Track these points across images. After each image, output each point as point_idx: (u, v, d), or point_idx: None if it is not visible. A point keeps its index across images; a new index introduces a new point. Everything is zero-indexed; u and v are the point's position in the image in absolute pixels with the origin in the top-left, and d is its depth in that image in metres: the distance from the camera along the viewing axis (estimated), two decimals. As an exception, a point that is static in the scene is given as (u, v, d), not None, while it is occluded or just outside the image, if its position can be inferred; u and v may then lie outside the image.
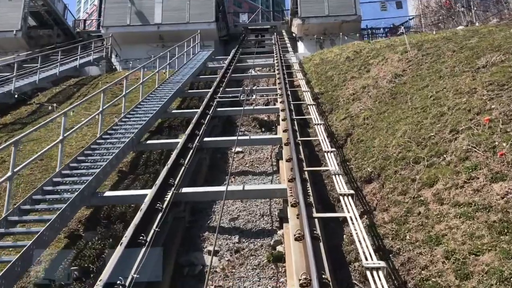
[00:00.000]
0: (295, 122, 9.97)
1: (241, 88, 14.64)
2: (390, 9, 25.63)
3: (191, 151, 8.35)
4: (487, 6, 18.95)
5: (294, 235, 5.20)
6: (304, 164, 7.47)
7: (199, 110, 11.09)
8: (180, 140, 8.97)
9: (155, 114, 10.83)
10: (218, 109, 11.83)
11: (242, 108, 11.24)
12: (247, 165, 9.64)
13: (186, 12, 24.33)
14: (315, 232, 5.22)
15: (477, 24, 16.67)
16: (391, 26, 31.47)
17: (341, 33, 23.87)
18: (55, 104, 15.01)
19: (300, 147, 8.33)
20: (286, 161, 7.57)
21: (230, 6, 70.82)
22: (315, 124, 9.08)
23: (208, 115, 10.87)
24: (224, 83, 14.83)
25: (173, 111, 12.44)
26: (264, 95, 14.86)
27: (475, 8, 18.88)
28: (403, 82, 10.88)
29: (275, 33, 28.11)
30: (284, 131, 9.16)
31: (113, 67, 23.38)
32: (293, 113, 10.67)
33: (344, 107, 11.43)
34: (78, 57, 20.10)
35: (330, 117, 11.52)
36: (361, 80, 13.27)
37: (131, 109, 11.36)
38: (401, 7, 25.83)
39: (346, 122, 10.21)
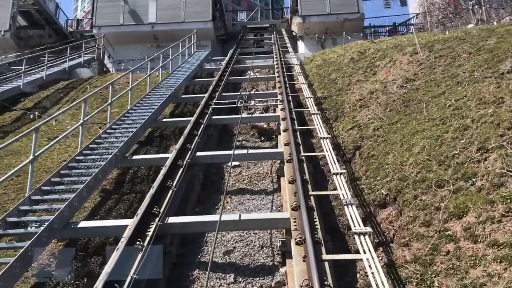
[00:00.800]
0: (298, 133, 9.02)
1: (239, 93, 13.70)
2: (394, 6, 24.63)
3: (181, 170, 7.40)
4: (499, 3, 17.97)
5: (301, 286, 4.27)
6: (309, 186, 6.52)
7: (192, 119, 10.13)
8: (170, 155, 8.01)
9: (144, 124, 9.88)
10: (214, 117, 10.87)
11: (239, 116, 10.30)
12: (244, 181, 8.69)
13: (182, 11, 23.33)
14: (325, 281, 4.28)
15: (494, 23, 15.66)
16: (394, 24, 30.52)
17: (343, 32, 22.89)
18: (36, 112, 14.03)
19: (304, 164, 7.38)
20: (289, 182, 6.62)
21: (228, 3, 69.84)
22: (321, 138, 8.11)
23: (202, 125, 9.91)
24: (221, 87, 13.87)
25: (165, 119, 11.48)
26: (263, 101, 13.91)
27: (487, 5, 17.90)
28: (416, 88, 9.92)
29: (274, 32, 27.13)
30: (286, 144, 8.21)
31: (105, 68, 22.37)
32: (295, 122, 9.72)
33: (351, 114, 10.47)
34: (67, 59, 19.08)
35: (336, 126, 10.57)
36: (368, 84, 12.32)
37: (118, 118, 10.40)
38: (406, 4, 24.83)
39: (354, 133, 9.26)
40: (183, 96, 13.74)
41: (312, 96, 12.20)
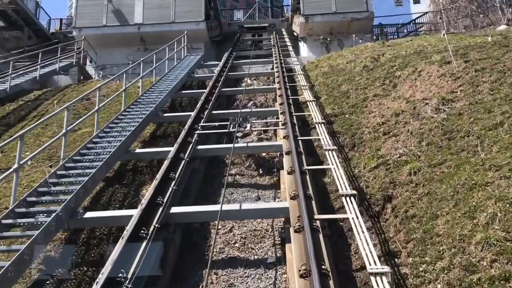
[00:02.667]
0: (307, 176, 6.81)
1: (232, 111, 11.52)
2: (405, 4, 22.41)
3: (145, 242, 5.20)
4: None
5: None
6: (331, 282, 4.33)
7: (171, 152, 7.92)
8: (135, 213, 5.82)
9: (108, 161, 7.66)
10: (200, 146, 8.65)
11: (231, 146, 8.10)
12: (236, 245, 6.48)
13: (171, 10, 21.06)
14: None
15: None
16: (399, 24, 28.24)
17: (351, 34, 20.65)
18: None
19: (321, 235, 5.18)
20: (300, 276, 4.42)
21: (227, 0, 67.33)
22: (343, 195, 5.81)
23: (183, 162, 7.69)
24: (211, 102, 11.65)
25: (138, 150, 9.22)
26: (262, 119, 11.69)
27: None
28: (458, 113, 7.70)
29: (274, 32, 24.91)
30: (293, 197, 6.00)
31: (87, 75, 20.08)
32: (303, 157, 7.50)
33: (373, 144, 8.25)
34: (38, 66, 16.81)
35: (354, 158, 8.35)
36: (389, 101, 10.11)
37: (78, 150, 8.17)
38: (419, 1, 22.67)
39: (381, 174, 7.04)
40: (166, 114, 11.50)
41: (320, 115, 10.01)
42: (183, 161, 7.65)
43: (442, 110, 8.00)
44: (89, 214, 6.24)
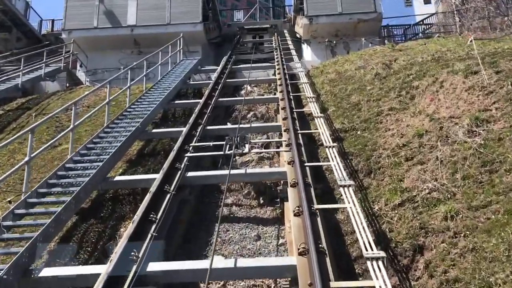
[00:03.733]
0: (318, 217, 5.55)
1: (229, 126, 10.29)
2: (415, 4, 21.10)
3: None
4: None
5: None
6: None
7: (155, 182, 6.66)
8: (102, 272, 4.59)
9: (80, 195, 6.42)
10: (189, 174, 7.39)
11: (227, 172, 6.82)
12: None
13: (166, 11, 19.79)
14: None
15: None
16: (407, 26, 26.92)
17: (358, 36, 19.38)
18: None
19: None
20: None
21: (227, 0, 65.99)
22: (370, 259, 4.52)
23: (169, 195, 6.44)
24: (206, 115, 10.40)
25: (118, 178, 7.92)
26: (263, 133, 10.46)
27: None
28: (498, 138, 6.43)
29: (275, 34, 23.60)
30: (302, 253, 4.74)
31: (74, 81, 18.82)
32: (312, 192, 6.24)
33: (393, 172, 6.99)
34: (21, 72, 15.56)
35: (370, 186, 7.10)
36: (408, 117, 8.85)
37: (43, 182, 6.91)
38: (429, 1, 21.35)
39: (408, 215, 5.79)
40: (155, 131, 10.24)
41: (329, 131, 8.78)
42: (169, 195, 6.39)
43: (477, 133, 6.74)
44: (47, 272, 4.98)
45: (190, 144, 8.42)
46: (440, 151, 6.73)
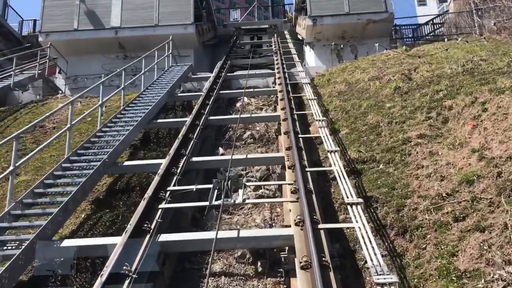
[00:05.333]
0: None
1: (219, 157, 8.44)
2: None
3: None
4: None
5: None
6: None
7: (113, 254, 4.78)
8: None
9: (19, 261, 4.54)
10: (163, 237, 5.48)
11: (213, 235, 4.95)
12: None
13: (154, 11, 17.82)
14: None
15: None
16: (417, 26, 24.97)
17: (365, 38, 17.48)
18: None
19: None
20: None
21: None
22: None
23: (129, 280, 4.55)
24: (193, 141, 8.47)
25: (64, 245, 5.92)
26: (261, 164, 8.56)
27: None
28: None
29: (275, 35, 21.74)
30: None
31: (51, 88, 16.87)
32: (332, 280, 4.35)
33: (440, 240, 5.10)
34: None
35: (406, 254, 5.24)
36: (445, 150, 6.98)
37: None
38: (445, 0, 19.47)
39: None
40: (127, 163, 8.28)
41: (345, 163, 6.94)
42: (128, 281, 4.50)
43: (559, 188, 4.86)
44: None
45: (168, 188, 6.52)
46: (508, 213, 4.85)
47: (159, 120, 10.54)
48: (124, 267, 4.66)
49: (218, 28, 23.65)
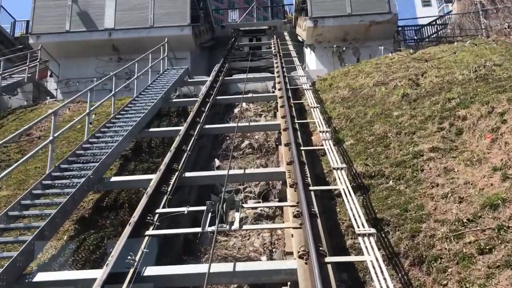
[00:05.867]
0: None
1: (213, 173, 7.83)
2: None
3: None
4: None
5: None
6: None
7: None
8: None
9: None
10: (148, 271, 4.84)
11: (205, 269, 4.37)
12: None
13: (149, 13, 17.17)
14: None
15: None
16: (419, 27, 24.37)
17: (368, 40, 16.87)
18: None
19: None
20: None
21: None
22: None
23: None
24: (186, 154, 7.83)
25: (37, 279, 5.28)
26: (260, 180, 7.92)
27: None
28: None
29: (274, 37, 21.10)
30: None
31: (42, 93, 16.21)
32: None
33: (465, 277, 4.47)
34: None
35: (423, 291, 4.61)
36: (461, 166, 6.37)
37: None
38: (451, 0, 18.84)
39: None
40: (114, 179, 7.59)
41: (350, 178, 6.33)
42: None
43: None
44: None
45: (157, 211, 5.89)
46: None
47: (151, 129, 9.90)
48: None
49: (216, 29, 23.01)
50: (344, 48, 17.02)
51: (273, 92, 13.75)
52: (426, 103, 8.79)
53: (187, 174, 7.24)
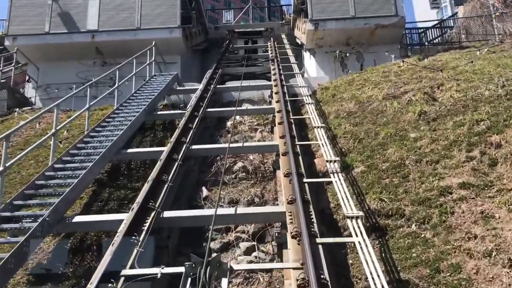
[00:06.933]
0: None
1: (199, 213, 6.56)
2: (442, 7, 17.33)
3: None
4: None
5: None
6: None
7: None
8: None
9: None
10: None
11: None
12: None
13: (136, 13, 15.83)
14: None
15: None
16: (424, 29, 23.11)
17: (372, 44, 15.65)
18: None
19: None
20: None
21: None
22: None
23: None
24: (166, 188, 6.53)
25: None
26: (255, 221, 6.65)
27: None
28: None
29: (271, 39, 19.83)
30: None
31: (18, 100, 14.82)
32: None
33: None
34: None
35: None
36: (503, 211, 5.14)
37: None
38: (461, 3, 17.68)
39: None
40: (78, 219, 6.25)
41: (362, 215, 5.10)
42: None
43: None
44: None
45: (123, 273, 4.61)
46: None
47: (129, 150, 8.59)
48: None
49: (209, 30, 21.68)
50: (347, 54, 15.76)
51: (270, 101, 12.58)
52: (449, 124, 7.55)
53: (167, 214, 5.95)
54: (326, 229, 6.11)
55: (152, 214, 5.77)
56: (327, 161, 6.40)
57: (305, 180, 6.38)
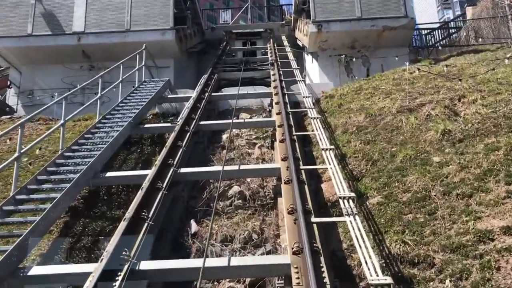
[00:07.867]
0: None
1: (186, 264, 5.41)
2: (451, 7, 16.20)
3: None
4: None
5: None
6: None
7: None
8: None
9: None
10: None
11: None
12: None
13: (125, 14, 14.68)
14: None
15: None
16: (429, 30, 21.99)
17: (380, 47, 14.55)
18: None
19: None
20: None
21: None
22: None
23: None
24: (146, 227, 5.43)
25: None
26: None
27: None
28: None
29: (271, 41, 18.74)
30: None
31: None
32: None
33: None
34: None
35: None
36: None
37: None
38: (475, 4, 16.61)
39: None
40: (39, 271, 5.19)
41: (380, 258, 4.05)
42: None
43: None
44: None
45: None
46: None
47: (108, 174, 7.46)
48: None
49: (205, 31, 20.56)
50: (354, 58, 14.66)
51: (270, 110, 11.54)
52: (479, 147, 6.46)
53: (144, 266, 4.84)
54: (340, 280, 5.03)
55: (125, 268, 4.66)
56: (340, 197, 5.28)
57: (313, 219, 5.28)
